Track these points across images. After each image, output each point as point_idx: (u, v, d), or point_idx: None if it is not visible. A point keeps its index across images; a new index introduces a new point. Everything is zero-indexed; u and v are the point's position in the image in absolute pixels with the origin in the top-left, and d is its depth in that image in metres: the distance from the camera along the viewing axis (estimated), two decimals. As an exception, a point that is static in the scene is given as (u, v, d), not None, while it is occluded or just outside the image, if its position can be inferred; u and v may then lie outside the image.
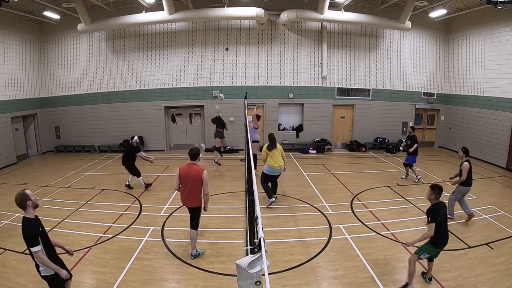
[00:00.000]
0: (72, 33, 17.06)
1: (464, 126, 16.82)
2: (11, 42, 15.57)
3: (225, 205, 9.70)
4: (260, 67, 17.32)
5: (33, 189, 11.45)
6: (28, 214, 4.48)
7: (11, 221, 8.65)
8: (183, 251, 7.04)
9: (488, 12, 14.07)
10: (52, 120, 18.15)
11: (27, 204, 4.43)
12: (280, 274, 6.17)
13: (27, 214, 4.48)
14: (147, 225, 8.40)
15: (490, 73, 14.96)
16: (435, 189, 5.57)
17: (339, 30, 17.32)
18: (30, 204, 4.45)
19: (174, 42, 17.13)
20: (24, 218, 4.46)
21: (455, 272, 6.13)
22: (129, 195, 10.70)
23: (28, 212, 4.47)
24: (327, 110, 17.86)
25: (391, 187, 11.42)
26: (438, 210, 5.52)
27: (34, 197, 4.54)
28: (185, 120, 18.30)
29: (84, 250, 7.07)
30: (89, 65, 17.63)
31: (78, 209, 9.56)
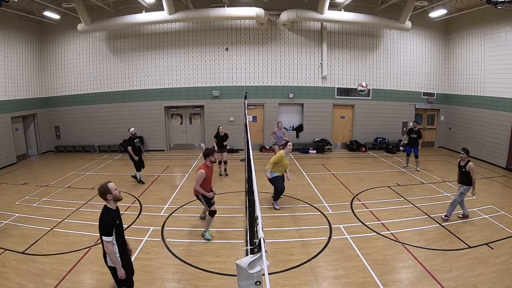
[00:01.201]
0: (72, 33, 17.06)
1: (464, 126, 16.81)
2: (11, 42, 15.57)
3: (225, 205, 9.68)
4: (260, 67, 17.32)
5: (33, 189, 11.48)
6: (110, 205, 4.59)
7: (11, 221, 8.65)
8: (183, 251, 7.04)
9: (488, 12, 14.07)
10: (52, 120, 18.15)
11: (107, 197, 4.53)
12: (280, 274, 6.17)
13: (109, 204, 4.59)
14: (147, 225, 8.40)
15: (490, 73, 14.95)
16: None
17: (339, 30, 17.31)
18: (110, 198, 4.55)
19: (174, 42, 17.13)
20: (105, 207, 4.57)
21: (455, 272, 6.13)
22: (129, 195, 10.69)
23: (109, 203, 4.58)
24: (327, 110, 17.86)
25: (391, 187, 11.41)
26: None
27: (116, 191, 4.62)
28: (185, 120, 18.28)
29: (84, 250, 7.06)
30: (89, 65, 17.63)
31: (78, 209, 9.55)
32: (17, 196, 10.67)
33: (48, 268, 6.33)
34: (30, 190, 11.32)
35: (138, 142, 11.76)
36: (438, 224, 8.32)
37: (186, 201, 9.88)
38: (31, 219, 8.81)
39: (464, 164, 8.27)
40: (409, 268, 6.36)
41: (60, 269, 6.31)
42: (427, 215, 8.86)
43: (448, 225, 8.24)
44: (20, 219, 8.82)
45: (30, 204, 10.00)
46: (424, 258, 6.65)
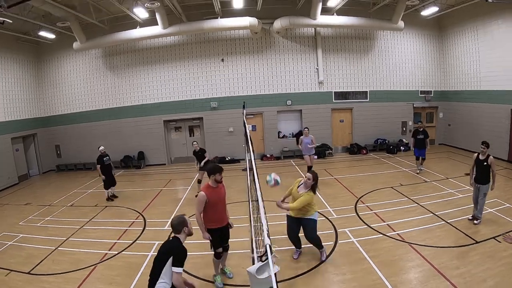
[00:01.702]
0: (68, 52, 17.20)
1: (463, 121, 16.82)
2: (8, 63, 15.68)
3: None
4: (256, 76, 17.38)
5: (36, 208, 11.47)
6: (182, 239, 4.46)
7: (16, 242, 8.63)
8: (189, 264, 6.95)
9: (479, 6, 14.14)
10: (52, 139, 18.19)
11: (183, 230, 4.43)
12: (288, 281, 6.12)
13: (181, 238, 4.46)
14: (152, 240, 8.36)
15: (485, 66, 15.00)
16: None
17: (332, 35, 17.41)
18: (185, 231, 4.45)
19: (169, 55, 17.22)
20: (177, 238, 4.42)
21: (463, 269, 6.09)
22: (132, 211, 10.67)
23: (181, 236, 4.46)
24: (325, 115, 17.88)
25: (395, 188, 11.38)
26: None
27: (191, 225, 4.51)
28: (184, 132, 18.31)
29: (89, 268, 7.03)
30: (86, 83, 17.72)
31: (82, 227, 9.53)
32: (20, 217, 10.65)
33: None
34: (33, 210, 11.30)
35: (108, 160, 11.89)
36: (444, 221, 8.28)
37: (190, 214, 9.80)
38: (35, 239, 8.78)
39: (485, 157, 7.95)
40: (417, 267, 6.32)
41: (67, 287, 6.27)
42: (432, 213, 8.82)
43: (454, 221, 8.20)
44: (24, 239, 8.79)
45: (33, 224, 9.98)
46: (432, 257, 6.60)
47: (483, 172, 7.92)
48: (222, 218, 5.99)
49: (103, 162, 11.63)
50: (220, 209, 5.90)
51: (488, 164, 7.82)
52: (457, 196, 10.10)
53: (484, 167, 7.90)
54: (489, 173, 7.85)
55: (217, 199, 5.78)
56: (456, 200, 9.74)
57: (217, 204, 5.79)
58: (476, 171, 8.10)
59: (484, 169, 7.90)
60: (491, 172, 7.81)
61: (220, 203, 5.88)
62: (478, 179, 8.02)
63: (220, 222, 5.95)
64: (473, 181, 8.16)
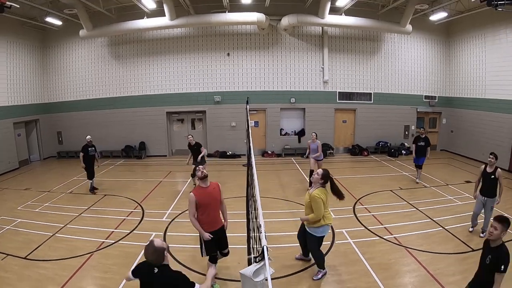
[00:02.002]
0: (74, 39, 17.16)
1: (466, 128, 16.78)
2: (13, 48, 15.66)
3: (227, 210, 9.65)
4: (261, 72, 17.35)
5: (36, 194, 11.50)
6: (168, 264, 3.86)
7: (13, 226, 8.65)
8: (185, 257, 7.01)
9: (488, 14, 14.08)
10: (54, 125, 18.21)
11: (165, 256, 3.78)
12: (283, 279, 6.14)
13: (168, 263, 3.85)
14: (149, 230, 8.39)
15: (492, 75, 14.94)
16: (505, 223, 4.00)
17: (340, 35, 17.35)
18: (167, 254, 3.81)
19: (175, 47, 17.19)
20: (166, 267, 3.80)
21: (459, 276, 6.08)
22: (131, 201, 10.69)
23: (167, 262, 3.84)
24: (328, 115, 17.85)
25: (394, 191, 11.38)
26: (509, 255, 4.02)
27: (167, 245, 3.85)
28: (187, 125, 18.30)
29: (86, 255, 7.05)
30: (91, 71, 17.71)
31: (80, 214, 9.55)
32: (19, 202, 10.68)
33: (51, 274, 6.32)
34: (32, 196, 11.33)
35: (92, 151, 11.60)
36: (441, 227, 8.28)
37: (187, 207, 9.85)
38: (33, 224, 8.81)
39: (493, 170, 7.54)
40: (412, 272, 6.32)
41: (62, 274, 6.29)
42: (430, 219, 8.82)
43: (451, 228, 8.20)
44: (22, 224, 8.81)
45: (32, 209, 10.01)
46: (428, 262, 6.61)
47: (491, 185, 7.55)
48: (215, 221, 5.59)
49: (87, 151, 11.42)
50: (212, 211, 5.48)
51: (496, 177, 7.48)
52: (456, 203, 10.09)
53: (492, 180, 7.53)
54: (496, 186, 7.53)
55: (208, 200, 5.38)
56: (455, 207, 9.73)
57: (208, 205, 5.39)
58: (483, 184, 7.69)
59: (492, 182, 7.54)
60: (499, 185, 7.49)
61: (212, 204, 5.45)
62: (485, 192, 7.61)
63: (213, 226, 5.51)
64: (478, 193, 7.75)
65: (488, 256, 4.14)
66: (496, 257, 4.01)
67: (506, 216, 4.09)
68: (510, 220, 4.05)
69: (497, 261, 3.97)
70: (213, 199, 5.46)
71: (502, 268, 3.92)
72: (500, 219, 4.02)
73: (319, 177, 5.83)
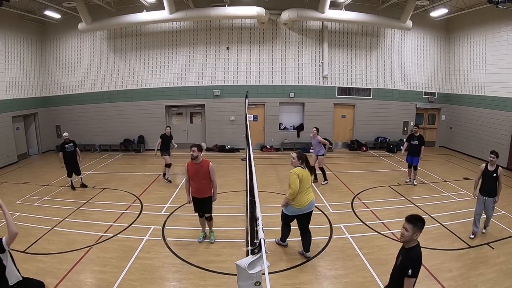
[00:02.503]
0: (73, 33, 17.07)
1: (465, 125, 16.79)
2: (12, 41, 15.58)
3: (225, 204, 9.70)
4: (261, 66, 17.31)
5: (34, 188, 11.51)
6: None
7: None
8: (184, 250, 7.04)
9: (489, 11, 14.01)
10: (53, 119, 18.18)
11: None
12: (280, 273, 6.17)
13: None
14: (148, 224, 8.41)
15: (491, 72, 14.93)
16: (417, 223, 3.71)
17: (340, 29, 17.29)
18: None
19: (175, 41, 17.13)
20: None
21: (455, 272, 6.13)
22: (130, 194, 10.71)
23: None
24: (328, 110, 17.85)
25: (392, 187, 11.41)
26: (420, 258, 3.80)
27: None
28: (185, 119, 18.30)
29: (85, 249, 7.08)
30: (90, 64, 17.64)
31: (79, 208, 9.57)
32: (18, 195, 10.69)
33: (49, 267, 6.34)
34: (31, 189, 11.34)
35: (70, 147, 11.27)
36: (439, 223, 8.32)
37: (185, 202, 9.86)
38: (32, 218, 8.82)
39: (494, 168, 7.48)
40: (409, 267, 6.35)
41: (61, 268, 6.32)
42: (428, 215, 8.84)
43: (449, 224, 8.23)
44: (21, 218, 8.82)
45: (31, 203, 10.02)
46: (425, 258, 6.49)
47: (492, 183, 7.44)
48: (200, 190, 6.88)
49: (64, 149, 11.18)
50: (198, 182, 6.80)
51: (498, 175, 7.40)
52: (454, 199, 10.12)
53: (493, 178, 7.42)
54: (496, 184, 7.45)
55: (194, 172, 6.75)
56: (453, 204, 9.76)
57: (195, 177, 6.78)
58: (484, 183, 7.55)
59: (493, 181, 7.43)
60: (498, 184, 7.42)
61: (198, 177, 6.76)
62: (485, 191, 7.48)
63: (198, 193, 6.91)
64: (479, 193, 7.60)
65: (399, 258, 3.93)
66: (406, 259, 3.77)
67: (418, 215, 3.77)
68: (423, 219, 3.75)
69: (406, 264, 3.71)
70: (200, 173, 6.76)
71: (410, 272, 3.62)
72: (410, 219, 3.71)
73: (296, 160, 6.46)
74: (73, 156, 11.44)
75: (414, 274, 3.62)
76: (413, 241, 3.75)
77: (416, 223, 3.66)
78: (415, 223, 3.66)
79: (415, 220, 3.68)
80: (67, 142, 11.26)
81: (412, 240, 3.73)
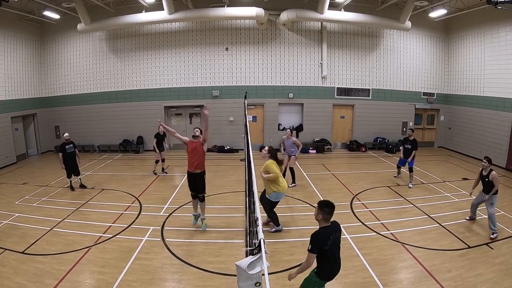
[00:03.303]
0: (72, 33, 17.05)
1: (464, 126, 16.81)
2: (11, 42, 15.56)
3: (225, 205, 9.71)
4: (260, 67, 17.31)
5: (33, 188, 11.49)
6: None
7: (11, 221, 8.65)
8: (183, 251, 7.04)
9: (488, 12, 14.06)
10: (52, 119, 18.14)
11: None
12: (280, 274, 6.16)
13: None
14: (147, 225, 8.40)
15: (490, 73, 14.95)
16: (323, 207, 4.34)
17: (339, 30, 17.30)
18: None
19: (174, 42, 17.12)
20: None
21: (454, 272, 6.13)
22: (129, 195, 10.70)
23: None
24: (327, 110, 17.85)
25: (391, 187, 11.42)
26: (324, 236, 4.32)
27: None
28: (184, 119, 18.29)
29: (83, 250, 7.07)
30: (89, 65, 17.62)
31: (78, 209, 9.56)
32: (17, 196, 10.67)
33: (48, 268, 6.33)
34: (29, 190, 11.32)
35: (71, 148, 11.30)
36: (438, 224, 8.33)
37: (186, 201, 9.86)
38: (31, 218, 8.81)
39: (487, 173, 7.73)
40: (409, 268, 6.37)
41: (60, 269, 6.31)
42: (427, 215, 8.86)
43: (448, 225, 8.24)
44: (20, 219, 8.81)
45: (30, 204, 10.00)
46: (424, 258, 6.65)
47: (487, 186, 7.77)
48: (193, 165, 7.67)
49: (64, 150, 11.19)
50: (192, 157, 7.65)
51: (490, 179, 7.65)
52: (453, 200, 10.13)
53: (486, 182, 7.77)
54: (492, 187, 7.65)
55: (190, 149, 7.69)
56: (452, 204, 9.78)
57: (190, 152, 7.68)
58: (482, 184, 7.98)
59: (488, 184, 7.75)
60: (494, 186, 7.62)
61: (194, 153, 7.65)
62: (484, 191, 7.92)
63: (190, 168, 7.72)
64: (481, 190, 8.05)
65: None
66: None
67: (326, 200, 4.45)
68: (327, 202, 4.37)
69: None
70: (196, 150, 7.67)
71: (309, 247, 4.29)
72: (319, 202, 4.44)
73: (267, 153, 7.90)
74: (73, 157, 11.47)
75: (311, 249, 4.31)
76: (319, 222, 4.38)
77: (320, 206, 4.37)
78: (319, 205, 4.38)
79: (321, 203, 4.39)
80: (68, 143, 11.27)
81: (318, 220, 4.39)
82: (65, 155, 11.20)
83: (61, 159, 11.18)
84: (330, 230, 4.36)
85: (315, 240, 4.29)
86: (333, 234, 4.38)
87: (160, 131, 12.99)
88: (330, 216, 4.35)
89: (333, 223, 4.44)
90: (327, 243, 4.30)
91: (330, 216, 4.35)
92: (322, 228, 4.36)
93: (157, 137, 12.97)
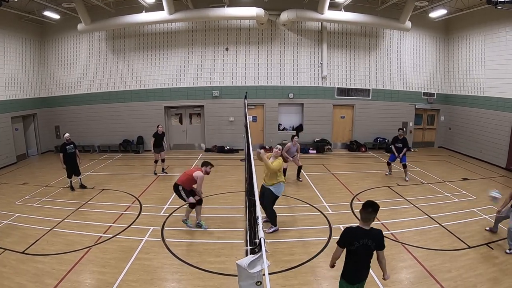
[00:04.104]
0: (72, 33, 17.05)
1: (464, 126, 16.81)
2: (11, 42, 15.57)
3: (225, 205, 9.70)
4: (260, 67, 17.32)
5: (33, 189, 11.48)
6: None
7: (11, 221, 8.64)
8: (183, 251, 7.03)
9: (488, 12, 14.05)
10: (52, 120, 18.14)
11: None
12: (280, 274, 6.17)
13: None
14: (147, 225, 8.40)
15: (490, 73, 14.95)
16: (364, 206, 4.26)
17: (339, 30, 17.30)
18: None
19: (174, 42, 17.13)
20: None
21: (454, 272, 6.13)
22: (129, 195, 10.70)
23: None
24: (327, 110, 17.86)
25: (391, 187, 11.41)
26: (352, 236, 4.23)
27: None
28: (184, 120, 18.29)
29: (84, 250, 7.06)
30: (89, 65, 17.63)
31: (78, 209, 9.55)
32: (17, 196, 10.66)
33: (48, 268, 6.33)
34: (30, 190, 11.31)
35: (71, 148, 11.28)
36: (438, 224, 8.32)
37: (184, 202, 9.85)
38: (31, 219, 8.81)
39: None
40: (409, 268, 6.37)
41: (60, 269, 6.31)
42: (427, 215, 8.86)
43: (448, 225, 8.24)
44: (20, 219, 8.81)
45: (30, 204, 9.99)
46: (424, 258, 6.65)
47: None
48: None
49: (65, 150, 11.18)
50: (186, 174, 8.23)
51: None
52: (453, 200, 10.12)
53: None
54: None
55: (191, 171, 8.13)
56: (452, 204, 9.77)
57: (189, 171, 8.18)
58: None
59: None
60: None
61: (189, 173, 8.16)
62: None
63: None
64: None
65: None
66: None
67: (371, 200, 4.37)
68: (368, 202, 4.27)
69: None
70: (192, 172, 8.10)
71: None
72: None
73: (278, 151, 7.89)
74: (74, 157, 11.47)
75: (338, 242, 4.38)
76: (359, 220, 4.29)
77: (363, 205, 4.26)
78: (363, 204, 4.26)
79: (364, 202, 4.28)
80: (68, 143, 11.27)
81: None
82: (65, 155, 11.19)
83: (62, 159, 11.17)
84: (363, 233, 4.17)
85: (343, 234, 4.30)
86: (364, 239, 4.16)
87: (159, 131, 12.93)
88: (367, 217, 4.15)
89: (372, 230, 4.25)
90: (354, 244, 4.15)
91: (367, 217, 4.15)
92: (357, 227, 4.25)
93: (155, 137, 12.92)
